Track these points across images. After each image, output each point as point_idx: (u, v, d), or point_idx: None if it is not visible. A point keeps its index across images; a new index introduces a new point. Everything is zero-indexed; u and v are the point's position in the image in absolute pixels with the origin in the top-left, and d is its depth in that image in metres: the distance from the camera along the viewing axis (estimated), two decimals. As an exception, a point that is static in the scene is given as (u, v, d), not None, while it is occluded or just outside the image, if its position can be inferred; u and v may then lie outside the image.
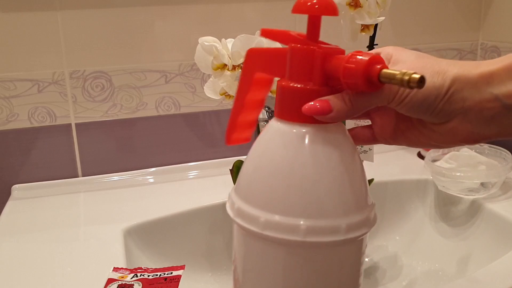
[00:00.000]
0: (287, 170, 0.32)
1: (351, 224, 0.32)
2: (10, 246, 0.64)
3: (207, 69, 0.59)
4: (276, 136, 0.33)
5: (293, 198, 0.31)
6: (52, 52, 0.77)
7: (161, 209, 0.72)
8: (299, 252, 0.32)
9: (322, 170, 0.32)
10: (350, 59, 0.31)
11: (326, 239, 0.31)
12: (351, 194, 0.32)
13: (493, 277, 0.54)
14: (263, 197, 0.32)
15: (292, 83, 0.33)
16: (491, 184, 0.73)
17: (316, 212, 0.31)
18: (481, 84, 0.32)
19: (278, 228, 0.31)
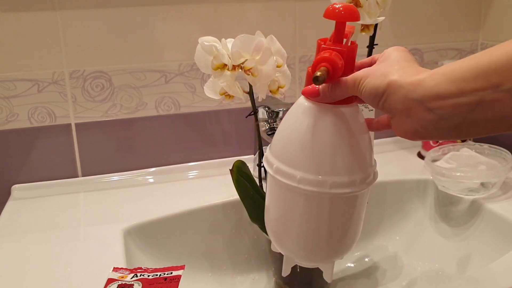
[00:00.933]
0: (312, 138, 0.42)
1: (362, 179, 0.43)
2: (10, 246, 0.64)
3: (207, 69, 0.59)
4: (300, 111, 0.43)
5: (319, 160, 0.42)
6: (52, 52, 0.77)
7: (161, 209, 0.72)
8: (325, 200, 0.43)
9: (340, 139, 0.42)
10: (313, 63, 0.42)
11: (345, 190, 0.42)
12: (361, 157, 0.43)
13: (493, 277, 0.54)
14: (296, 159, 0.43)
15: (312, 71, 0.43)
16: (491, 184, 0.73)
17: (338, 170, 0.42)
18: (409, 89, 0.37)
19: (310, 183, 0.42)
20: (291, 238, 0.47)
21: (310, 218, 0.44)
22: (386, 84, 0.39)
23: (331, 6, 0.41)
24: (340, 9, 0.40)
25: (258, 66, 0.57)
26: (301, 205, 0.44)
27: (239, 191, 0.61)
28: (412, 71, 0.38)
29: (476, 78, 0.34)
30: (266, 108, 0.75)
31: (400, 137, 0.41)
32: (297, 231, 0.46)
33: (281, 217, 0.46)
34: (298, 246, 0.47)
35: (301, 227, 0.45)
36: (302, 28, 0.87)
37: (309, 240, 0.46)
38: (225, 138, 0.88)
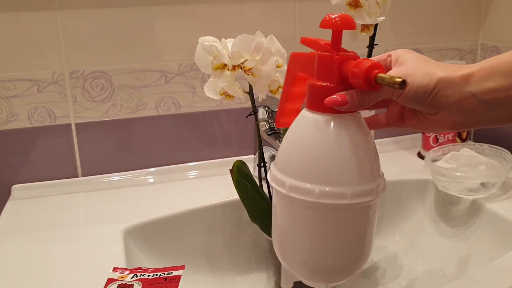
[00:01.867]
0: (322, 151, 0.42)
1: (376, 187, 0.43)
2: (10, 246, 0.64)
3: (207, 69, 0.59)
4: (310, 124, 0.43)
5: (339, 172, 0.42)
6: (52, 52, 0.77)
7: (161, 209, 0.72)
8: (344, 211, 0.42)
9: (346, 149, 0.41)
10: (356, 64, 0.40)
11: (364, 200, 0.42)
12: (367, 166, 0.43)
13: (493, 277, 0.54)
14: (312, 173, 0.42)
15: (318, 81, 0.43)
16: (491, 184, 0.73)
17: (356, 179, 0.42)
18: (462, 84, 0.40)
19: (330, 196, 0.41)
20: (298, 254, 0.45)
21: (321, 233, 0.43)
22: (436, 81, 0.40)
23: (328, 16, 0.43)
24: (336, 19, 0.43)
25: (258, 66, 0.57)
26: (313, 220, 0.43)
27: (239, 191, 0.61)
28: (452, 68, 0.41)
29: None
30: (266, 108, 0.75)
31: (398, 137, 0.43)
32: (306, 247, 0.44)
33: (289, 233, 0.45)
34: (305, 262, 0.45)
35: (309, 242, 0.44)
36: (302, 28, 0.87)
37: (317, 256, 0.44)
38: (225, 138, 0.88)
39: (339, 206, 0.41)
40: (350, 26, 0.42)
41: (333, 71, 0.42)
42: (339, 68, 0.41)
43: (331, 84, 0.42)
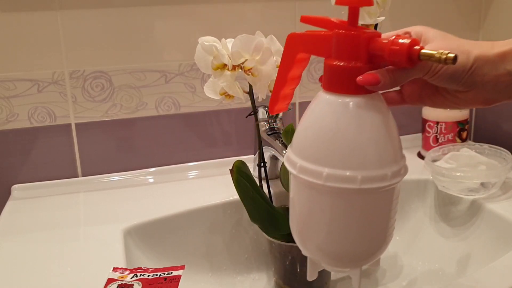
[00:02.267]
0: (337, 132, 0.40)
1: (394, 172, 0.40)
2: (10, 246, 0.64)
3: (207, 69, 0.59)
4: (327, 106, 0.41)
5: (346, 154, 0.40)
6: (52, 52, 0.77)
7: (161, 209, 0.72)
8: (354, 196, 0.41)
9: (365, 131, 0.40)
10: (394, 42, 0.38)
11: (376, 186, 0.40)
12: (391, 149, 0.41)
13: (493, 277, 0.54)
14: (322, 155, 0.40)
15: (340, 62, 0.40)
16: (491, 184, 0.73)
17: (368, 164, 0.40)
18: (497, 62, 0.41)
19: (338, 179, 0.39)
20: (318, 240, 0.44)
21: (340, 218, 0.42)
22: (474, 59, 0.41)
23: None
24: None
25: (258, 66, 0.57)
26: (330, 204, 0.41)
27: (239, 191, 0.61)
28: (484, 45, 0.42)
29: None
30: (266, 108, 0.75)
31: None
32: (325, 233, 0.43)
33: (308, 219, 0.43)
34: (326, 249, 0.44)
35: (329, 228, 0.42)
36: (302, 28, 0.87)
37: (337, 242, 0.43)
38: (225, 138, 0.88)
39: (348, 190, 0.40)
40: (368, 2, 0.40)
41: (359, 50, 0.40)
42: (366, 46, 0.39)
43: (358, 63, 0.40)
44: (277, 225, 0.64)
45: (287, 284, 0.67)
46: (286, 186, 0.66)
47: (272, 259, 0.68)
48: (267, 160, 0.76)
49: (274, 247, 0.66)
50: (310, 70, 0.89)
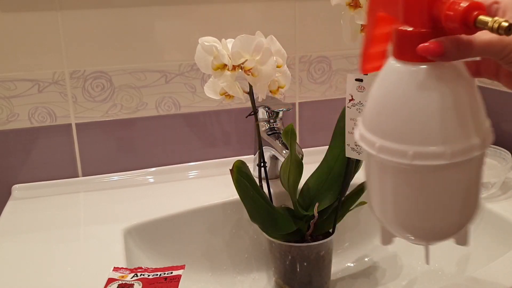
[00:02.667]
0: (418, 107, 0.37)
1: (481, 141, 0.38)
2: (10, 246, 0.64)
3: (207, 69, 0.59)
4: (404, 77, 0.38)
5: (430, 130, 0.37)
6: (52, 52, 0.77)
7: (161, 209, 0.72)
8: (444, 172, 0.38)
9: (446, 104, 0.36)
10: (451, 5, 0.34)
11: (466, 158, 0.37)
12: (476, 118, 0.38)
13: (493, 277, 0.54)
14: (405, 132, 0.37)
15: (405, 26, 0.37)
16: (491, 184, 0.73)
17: (455, 137, 0.37)
18: None
19: (425, 156, 0.37)
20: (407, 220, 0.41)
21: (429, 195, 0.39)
22: None
23: None
24: None
25: (258, 66, 0.57)
26: (419, 182, 0.39)
27: (239, 191, 0.61)
28: None
29: None
30: (266, 108, 0.76)
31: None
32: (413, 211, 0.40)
33: (393, 199, 0.41)
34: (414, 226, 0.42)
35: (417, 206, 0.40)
36: (302, 28, 0.87)
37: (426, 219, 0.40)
38: (225, 138, 0.88)
39: (438, 167, 0.37)
40: None
41: (422, 13, 0.36)
42: (429, 9, 0.36)
43: (420, 29, 0.36)
44: (277, 225, 0.64)
45: (287, 284, 0.67)
46: (286, 186, 0.66)
47: (272, 259, 0.69)
48: (267, 160, 0.76)
49: (274, 247, 0.67)
50: (310, 70, 0.89)
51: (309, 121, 0.92)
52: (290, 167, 0.64)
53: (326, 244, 0.66)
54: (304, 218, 0.66)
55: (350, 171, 0.64)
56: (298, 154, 0.65)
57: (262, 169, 0.69)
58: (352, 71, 0.91)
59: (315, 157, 0.71)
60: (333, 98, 0.92)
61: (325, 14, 0.87)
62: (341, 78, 0.91)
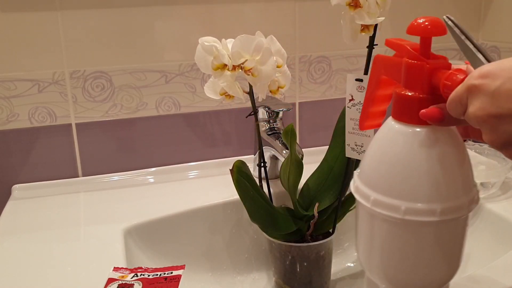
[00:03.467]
0: (413, 165, 0.39)
1: (470, 201, 0.40)
2: (10, 246, 0.64)
3: (207, 69, 0.59)
4: (401, 137, 0.40)
5: (423, 187, 0.39)
6: (52, 52, 0.77)
7: (161, 209, 0.72)
8: (433, 228, 0.40)
9: (437, 164, 0.39)
10: (449, 76, 0.38)
11: (454, 216, 0.39)
12: (466, 178, 0.40)
13: (493, 277, 0.54)
14: (398, 188, 0.40)
15: (406, 91, 0.40)
16: (490, 184, 0.73)
17: (446, 195, 0.39)
18: None
19: (418, 212, 0.39)
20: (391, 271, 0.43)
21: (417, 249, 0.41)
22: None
23: (415, 21, 0.40)
24: (425, 23, 0.40)
25: (258, 66, 0.57)
26: (408, 237, 0.41)
27: (239, 191, 0.61)
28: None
29: None
30: (266, 108, 0.76)
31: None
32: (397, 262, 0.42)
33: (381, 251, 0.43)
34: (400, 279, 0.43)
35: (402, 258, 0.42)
36: (302, 28, 0.87)
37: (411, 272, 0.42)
38: (225, 138, 0.88)
39: (427, 223, 0.39)
40: (441, 31, 0.40)
41: (422, 81, 0.39)
42: (429, 78, 0.39)
43: (419, 94, 0.39)
44: (277, 225, 0.64)
45: (287, 284, 0.67)
46: (286, 186, 0.66)
47: (272, 259, 0.69)
48: (267, 160, 0.76)
49: (274, 247, 0.67)
50: (310, 70, 0.89)
51: (309, 121, 0.92)
52: (290, 167, 0.64)
53: (326, 244, 0.66)
54: (304, 218, 0.66)
55: (350, 171, 0.64)
56: (298, 154, 0.65)
57: (262, 169, 0.69)
58: (352, 71, 0.91)
59: (315, 157, 0.71)
60: (333, 98, 0.92)
61: (325, 14, 0.87)
62: (341, 78, 0.91)
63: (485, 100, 0.33)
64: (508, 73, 0.32)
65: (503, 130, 0.33)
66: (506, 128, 0.32)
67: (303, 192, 0.69)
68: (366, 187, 0.42)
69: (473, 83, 0.34)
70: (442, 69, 0.39)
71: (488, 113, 0.33)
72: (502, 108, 0.32)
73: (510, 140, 0.33)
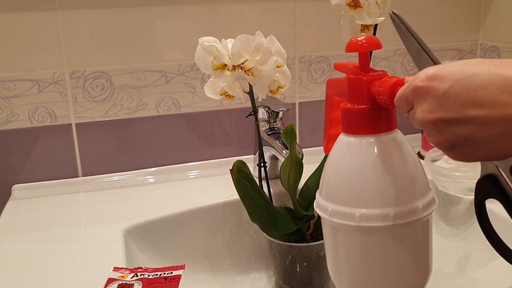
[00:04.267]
0: (359, 174, 0.41)
1: (425, 205, 0.41)
2: (10, 246, 0.64)
3: (207, 69, 0.59)
4: (347, 148, 0.42)
5: (377, 193, 0.40)
6: (52, 52, 0.77)
7: (161, 209, 0.72)
8: (389, 233, 0.41)
9: (384, 170, 0.40)
10: (382, 83, 0.40)
11: (409, 220, 0.40)
12: (417, 182, 0.42)
13: (493, 277, 0.54)
14: (352, 197, 0.41)
15: (350, 104, 0.42)
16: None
17: (398, 200, 0.40)
18: None
19: (372, 218, 0.40)
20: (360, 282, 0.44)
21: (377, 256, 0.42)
22: None
23: (354, 39, 0.43)
24: (362, 41, 0.42)
25: (258, 66, 0.57)
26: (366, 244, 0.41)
27: (239, 191, 0.61)
28: None
29: None
30: (266, 108, 0.76)
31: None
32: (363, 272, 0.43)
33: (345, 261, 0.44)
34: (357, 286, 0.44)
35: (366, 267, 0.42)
36: (302, 28, 0.87)
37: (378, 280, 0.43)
38: (225, 138, 0.88)
39: (383, 228, 0.40)
40: (376, 46, 0.42)
41: (362, 92, 0.41)
42: (367, 89, 0.41)
43: (361, 105, 0.41)
44: (277, 225, 0.64)
45: (287, 284, 0.67)
46: (286, 186, 0.66)
47: (272, 259, 0.69)
48: (267, 160, 0.76)
49: (274, 247, 0.67)
50: (310, 70, 0.89)
51: (309, 121, 0.92)
52: (290, 167, 0.64)
53: (326, 244, 0.65)
54: (304, 218, 0.66)
55: (350, 171, 0.64)
56: (298, 154, 0.65)
57: (262, 169, 0.69)
58: (352, 71, 0.91)
59: (315, 157, 0.71)
60: (333, 98, 0.92)
61: (325, 14, 0.87)
62: (341, 78, 0.91)
63: (433, 103, 0.33)
64: (455, 76, 0.32)
65: (450, 132, 0.33)
66: (453, 130, 0.33)
67: (303, 192, 0.69)
68: (325, 201, 0.43)
69: (420, 85, 0.34)
70: (378, 80, 0.41)
71: (436, 116, 0.33)
72: (450, 111, 0.32)
73: (456, 142, 0.33)
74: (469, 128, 0.32)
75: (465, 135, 0.32)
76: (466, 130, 0.32)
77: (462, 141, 0.33)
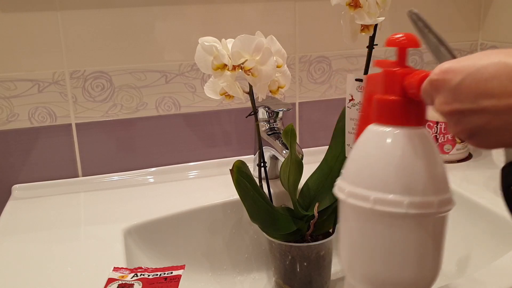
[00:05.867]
0: (382, 159, 0.42)
1: (440, 201, 0.42)
2: (10, 245, 0.64)
3: (207, 69, 0.59)
4: (376, 136, 0.43)
5: (395, 180, 0.41)
6: (52, 52, 0.77)
7: (161, 209, 0.72)
8: (401, 222, 0.42)
9: (412, 160, 0.41)
10: (412, 76, 0.41)
11: (421, 211, 0.41)
12: (436, 178, 0.42)
13: (493, 277, 0.54)
14: (373, 181, 0.42)
15: (382, 96, 0.43)
16: (491, 184, 0.73)
17: (414, 190, 0.41)
18: None
19: (386, 203, 0.41)
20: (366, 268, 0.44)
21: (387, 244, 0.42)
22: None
23: (393, 36, 0.44)
24: (403, 37, 0.44)
25: (258, 66, 0.57)
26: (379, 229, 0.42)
27: (239, 191, 0.61)
28: None
29: None
30: (266, 108, 0.76)
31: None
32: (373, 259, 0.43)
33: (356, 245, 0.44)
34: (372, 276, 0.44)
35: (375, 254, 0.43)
36: (302, 28, 0.87)
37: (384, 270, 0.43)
38: (225, 138, 0.88)
39: (396, 215, 0.41)
40: (415, 44, 0.44)
41: (395, 85, 0.43)
42: (401, 82, 0.42)
43: (393, 96, 0.43)
44: (277, 225, 0.64)
45: (287, 284, 0.67)
46: (286, 186, 0.66)
47: (272, 259, 0.69)
48: (267, 160, 0.76)
49: (274, 247, 0.67)
50: (310, 70, 0.89)
51: (309, 121, 0.92)
52: (290, 167, 0.64)
53: (326, 244, 0.66)
54: (304, 218, 0.66)
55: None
56: (298, 154, 0.65)
57: (262, 169, 0.69)
58: (352, 71, 0.91)
59: (315, 157, 0.71)
60: (333, 98, 0.92)
61: (325, 14, 0.87)
62: (341, 78, 0.91)
63: (447, 95, 0.35)
64: (467, 69, 0.34)
65: (466, 122, 0.35)
66: (468, 120, 0.35)
67: (303, 192, 0.69)
68: (344, 182, 0.44)
69: (435, 78, 0.36)
70: (411, 73, 0.42)
71: (451, 108, 0.35)
72: (464, 103, 0.34)
73: (473, 131, 0.35)
74: (483, 118, 0.34)
75: (480, 124, 0.34)
76: (480, 120, 0.34)
77: (479, 130, 0.35)
